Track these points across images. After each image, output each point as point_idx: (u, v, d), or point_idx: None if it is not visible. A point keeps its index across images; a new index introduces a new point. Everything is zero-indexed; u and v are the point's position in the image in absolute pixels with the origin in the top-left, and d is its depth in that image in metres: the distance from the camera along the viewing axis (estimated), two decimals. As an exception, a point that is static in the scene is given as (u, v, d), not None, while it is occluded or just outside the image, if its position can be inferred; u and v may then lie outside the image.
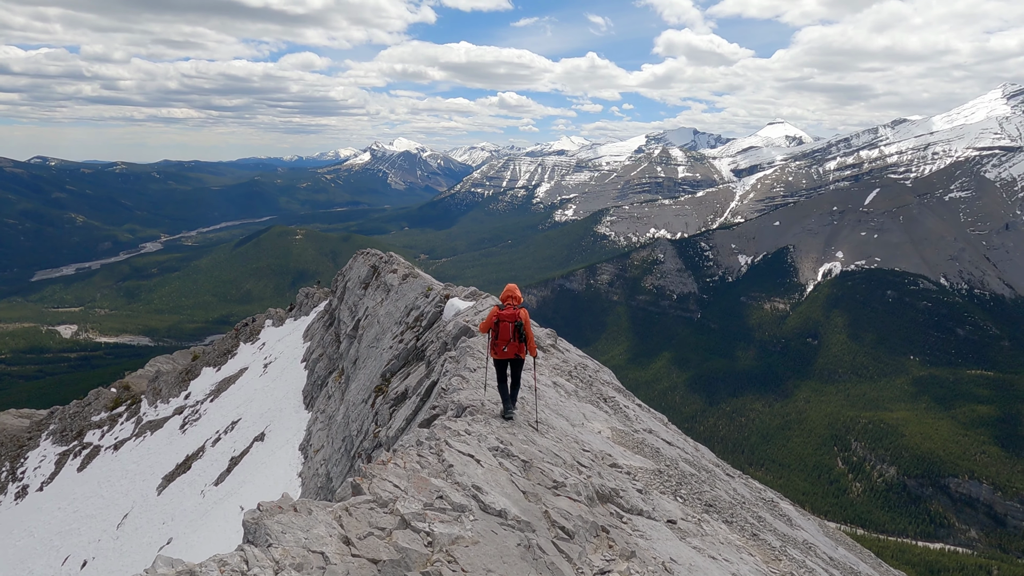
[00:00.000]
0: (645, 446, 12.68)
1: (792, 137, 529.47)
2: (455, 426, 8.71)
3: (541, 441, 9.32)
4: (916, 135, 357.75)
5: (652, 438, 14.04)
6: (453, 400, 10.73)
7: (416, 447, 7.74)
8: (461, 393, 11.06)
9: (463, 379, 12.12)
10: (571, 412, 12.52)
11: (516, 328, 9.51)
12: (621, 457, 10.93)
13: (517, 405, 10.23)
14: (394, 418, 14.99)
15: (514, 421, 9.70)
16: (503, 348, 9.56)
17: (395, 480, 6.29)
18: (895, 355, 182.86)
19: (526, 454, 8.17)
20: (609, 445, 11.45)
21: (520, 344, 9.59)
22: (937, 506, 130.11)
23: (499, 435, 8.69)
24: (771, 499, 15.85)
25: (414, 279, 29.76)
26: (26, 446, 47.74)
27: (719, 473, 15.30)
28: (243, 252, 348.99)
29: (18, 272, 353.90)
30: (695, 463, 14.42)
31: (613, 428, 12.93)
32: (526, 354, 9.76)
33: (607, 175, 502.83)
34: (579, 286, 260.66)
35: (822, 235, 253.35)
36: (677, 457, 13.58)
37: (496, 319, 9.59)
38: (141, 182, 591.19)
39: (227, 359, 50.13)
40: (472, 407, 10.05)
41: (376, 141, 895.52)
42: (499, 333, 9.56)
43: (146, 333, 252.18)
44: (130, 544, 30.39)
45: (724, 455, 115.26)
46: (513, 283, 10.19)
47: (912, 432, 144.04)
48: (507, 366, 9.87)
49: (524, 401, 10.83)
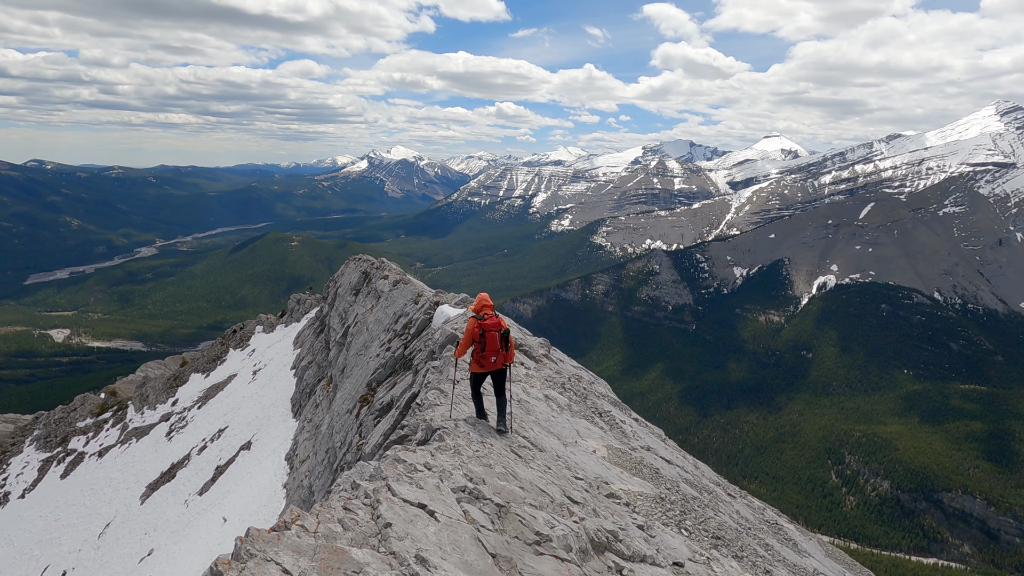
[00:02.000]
0: (644, 466, 12.25)
1: (788, 150, 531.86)
2: (413, 458, 7.28)
3: (524, 473, 8.11)
4: (910, 150, 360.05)
5: (651, 456, 13.64)
6: (425, 419, 9.79)
7: (349, 492, 6.15)
8: (436, 410, 10.27)
9: (441, 393, 11.38)
10: (563, 429, 12.06)
11: (503, 337, 9.07)
12: (619, 481, 10.46)
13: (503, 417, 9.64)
14: (373, 432, 14.45)
15: (492, 448, 8.76)
16: (492, 359, 9.05)
17: (290, 559, 4.31)
18: (889, 369, 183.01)
19: (503, 494, 6.83)
20: (605, 467, 10.96)
21: (506, 353, 9.16)
22: (930, 521, 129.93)
23: (469, 468, 7.43)
24: (774, 521, 15.46)
25: (404, 285, 29.30)
26: (9, 452, 46.97)
27: (720, 494, 14.93)
28: (238, 258, 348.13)
29: (11, 275, 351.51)
30: (696, 484, 14.06)
31: (609, 446, 12.48)
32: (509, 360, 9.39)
33: (603, 186, 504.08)
34: (574, 296, 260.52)
35: (817, 248, 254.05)
36: (678, 478, 13.20)
37: (481, 330, 9.01)
38: (137, 186, 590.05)
39: (216, 365, 49.53)
40: (444, 429, 8.90)
41: (373, 149, 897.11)
42: (487, 344, 9.01)
43: (139, 338, 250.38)
44: (111, 555, 29.77)
45: (718, 468, 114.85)
46: (485, 293, 9.75)
47: (906, 446, 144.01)
48: (486, 378, 9.44)
49: (512, 417, 10.24)
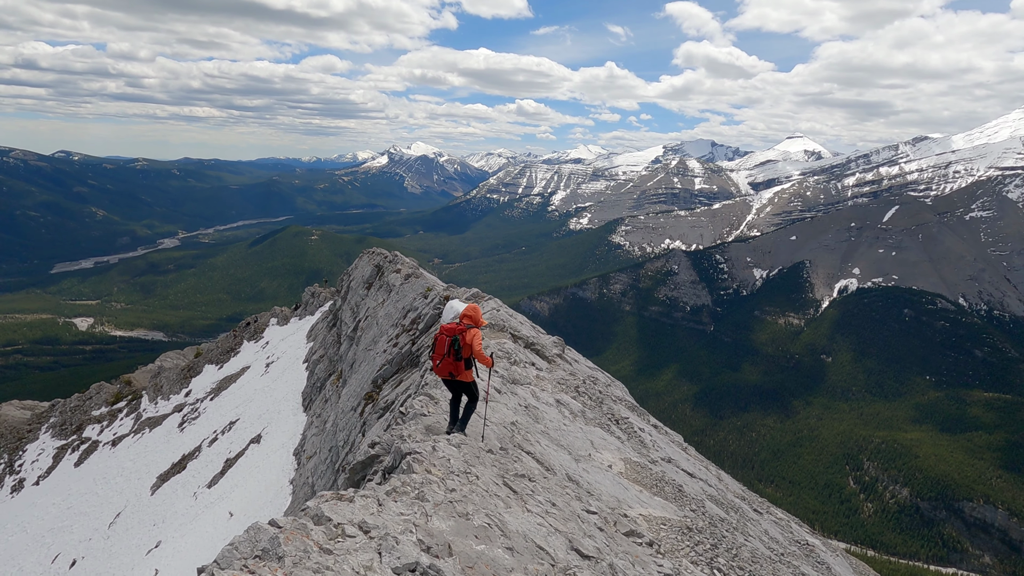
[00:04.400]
0: (665, 483, 11.56)
1: (811, 152, 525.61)
2: (345, 512, 4.93)
3: (517, 521, 6.09)
4: (937, 153, 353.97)
5: (672, 470, 12.94)
6: (400, 436, 8.26)
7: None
8: (421, 421, 9.14)
9: (431, 400, 10.21)
10: (575, 439, 11.38)
11: (452, 343, 8.33)
12: (638, 504, 9.72)
13: (467, 428, 8.97)
14: (367, 436, 14.01)
15: (478, 482, 6.89)
16: (436, 363, 8.47)
17: None
18: (910, 375, 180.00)
19: (477, 568, 4.65)
20: (623, 487, 10.24)
21: (456, 363, 8.34)
22: (951, 530, 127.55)
23: (431, 527, 5.09)
24: (804, 541, 14.71)
25: (416, 279, 28.94)
26: (25, 438, 47.49)
27: (747, 510, 14.21)
28: (259, 251, 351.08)
29: (38, 264, 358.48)
30: (722, 501, 13.37)
31: (627, 459, 11.77)
32: (469, 377, 8.55)
33: (623, 185, 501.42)
34: (591, 295, 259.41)
35: (839, 251, 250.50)
36: (702, 494, 12.50)
37: (438, 333, 8.56)
38: (161, 179, 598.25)
39: (230, 357, 49.68)
40: (415, 455, 7.05)
41: (394, 144, 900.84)
42: (435, 346, 8.52)
43: (160, 328, 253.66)
44: (120, 545, 29.86)
45: (734, 471, 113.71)
46: (477, 305, 9.11)
47: (926, 453, 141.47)
48: (454, 387, 8.81)
49: (516, 427, 9.57)
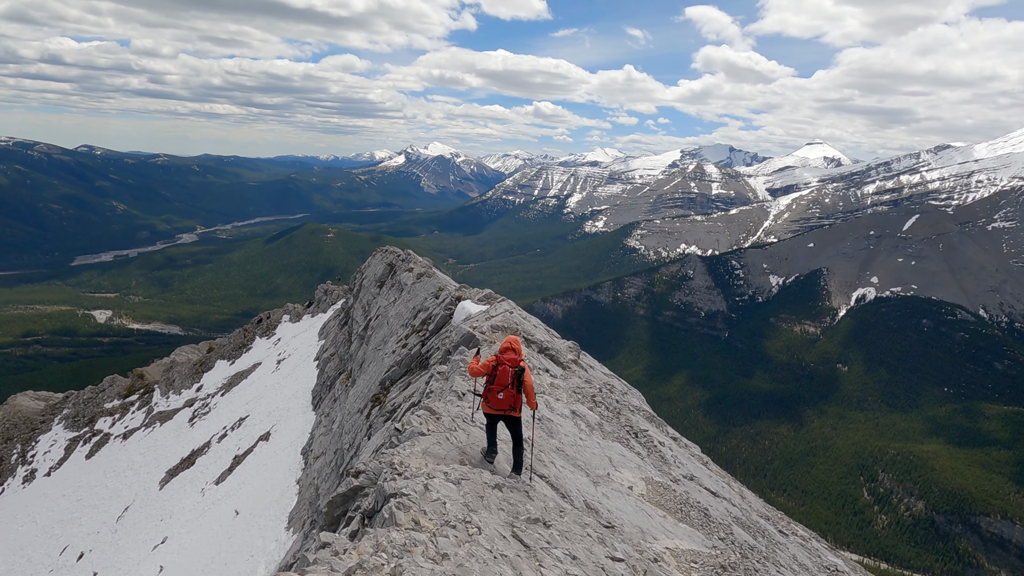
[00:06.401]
0: (690, 506, 10.98)
1: (830, 158, 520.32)
2: None
3: None
4: (959, 162, 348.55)
5: (695, 490, 12.29)
6: (393, 466, 6.80)
7: None
8: (417, 444, 7.90)
9: (432, 415, 9.05)
10: (593, 456, 10.68)
11: (517, 374, 8.06)
12: (663, 534, 9.06)
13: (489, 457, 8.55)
14: (371, 440, 13.59)
15: (480, 536, 5.87)
16: (498, 395, 8.06)
17: None
18: (928, 386, 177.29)
19: None
20: (646, 513, 9.58)
21: (517, 396, 8.10)
22: (966, 544, 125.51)
23: None
24: (833, 567, 14.09)
25: (428, 279, 28.64)
26: (38, 429, 47.90)
27: (773, 532, 13.56)
28: (275, 248, 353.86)
29: (59, 256, 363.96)
30: (748, 523, 12.79)
31: (648, 479, 11.15)
32: (522, 411, 8.33)
33: (639, 188, 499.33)
34: (606, 298, 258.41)
35: (857, 259, 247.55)
36: (728, 517, 11.92)
37: (496, 361, 8.19)
38: (181, 174, 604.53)
39: (242, 353, 49.79)
40: (402, 497, 5.69)
41: (411, 144, 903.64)
42: (496, 376, 8.13)
43: (176, 322, 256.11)
44: (127, 539, 29.88)
45: (746, 479, 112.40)
46: (516, 336, 8.77)
47: (943, 466, 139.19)
48: (498, 421, 8.44)
49: (528, 444, 9.04)
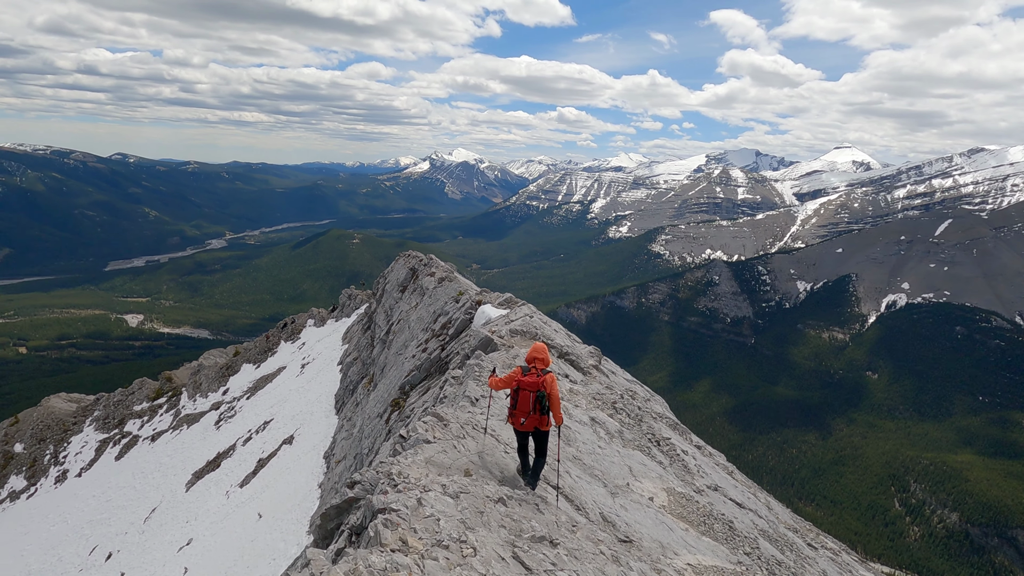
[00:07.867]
0: (714, 519, 10.71)
1: (859, 162, 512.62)
2: None
3: None
4: (993, 165, 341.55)
5: (720, 501, 11.97)
6: (391, 476, 6.36)
7: None
8: (421, 452, 7.53)
9: (439, 421, 8.68)
10: (612, 465, 10.46)
11: (538, 399, 8.02)
12: (685, 548, 8.82)
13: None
14: (385, 445, 13.53)
15: (474, 559, 5.51)
16: (521, 420, 8.12)
17: None
18: (961, 395, 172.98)
19: None
20: (666, 526, 9.32)
21: (542, 417, 8.11)
22: (1002, 559, 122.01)
23: None
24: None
25: (449, 283, 28.71)
26: (70, 430, 49.06)
27: (801, 546, 13.14)
28: (301, 253, 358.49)
29: (93, 261, 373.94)
30: (775, 536, 12.42)
31: (670, 490, 10.86)
32: (549, 425, 8.28)
33: (664, 193, 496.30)
34: (630, 304, 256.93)
35: (887, 265, 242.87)
36: (754, 530, 11.58)
37: (516, 385, 8.13)
38: (211, 181, 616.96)
39: (267, 357, 50.43)
40: (390, 514, 5.28)
41: (436, 151, 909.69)
42: (518, 402, 8.11)
43: (204, 326, 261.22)
44: (153, 540, 30.35)
45: (773, 487, 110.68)
46: (543, 343, 8.67)
47: (978, 478, 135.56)
48: (527, 437, 8.52)
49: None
